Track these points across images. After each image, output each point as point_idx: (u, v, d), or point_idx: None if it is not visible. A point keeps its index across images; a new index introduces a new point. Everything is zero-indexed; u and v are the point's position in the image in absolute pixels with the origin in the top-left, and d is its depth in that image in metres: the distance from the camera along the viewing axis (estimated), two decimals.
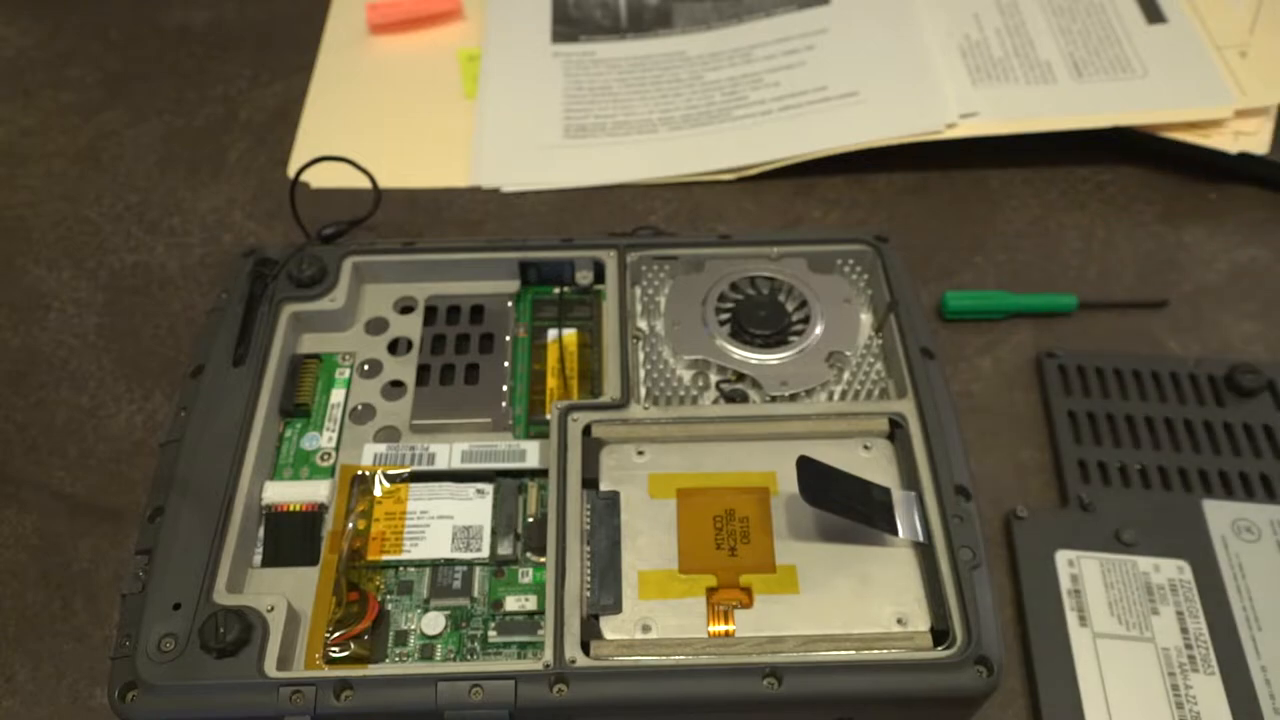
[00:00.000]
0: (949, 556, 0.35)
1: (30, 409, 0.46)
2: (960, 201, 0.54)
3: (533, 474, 0.40)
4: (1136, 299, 0.49)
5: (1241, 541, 0.40)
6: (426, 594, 0.37)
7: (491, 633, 0.36)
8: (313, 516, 0.39)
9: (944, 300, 0.48)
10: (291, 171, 0.54)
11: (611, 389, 0.40)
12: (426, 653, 0.36)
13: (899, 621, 0.35)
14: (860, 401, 0.41)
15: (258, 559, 0.38)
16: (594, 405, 0.40)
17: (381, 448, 0.41)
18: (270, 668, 0.33)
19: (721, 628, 0.35)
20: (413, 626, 0.36)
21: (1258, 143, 0.52)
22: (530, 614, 0.37)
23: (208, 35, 0.62)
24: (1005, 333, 0.48)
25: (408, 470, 0.40)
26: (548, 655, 0.33)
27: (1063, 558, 0.39)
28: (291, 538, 0.38)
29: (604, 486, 0.38)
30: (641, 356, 0.42)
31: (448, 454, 0.40)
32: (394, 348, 0.44)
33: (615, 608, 0.35)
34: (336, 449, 0.41)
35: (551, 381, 0.43)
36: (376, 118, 0.58)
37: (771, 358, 0.42)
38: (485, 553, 0.38)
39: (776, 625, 0.35)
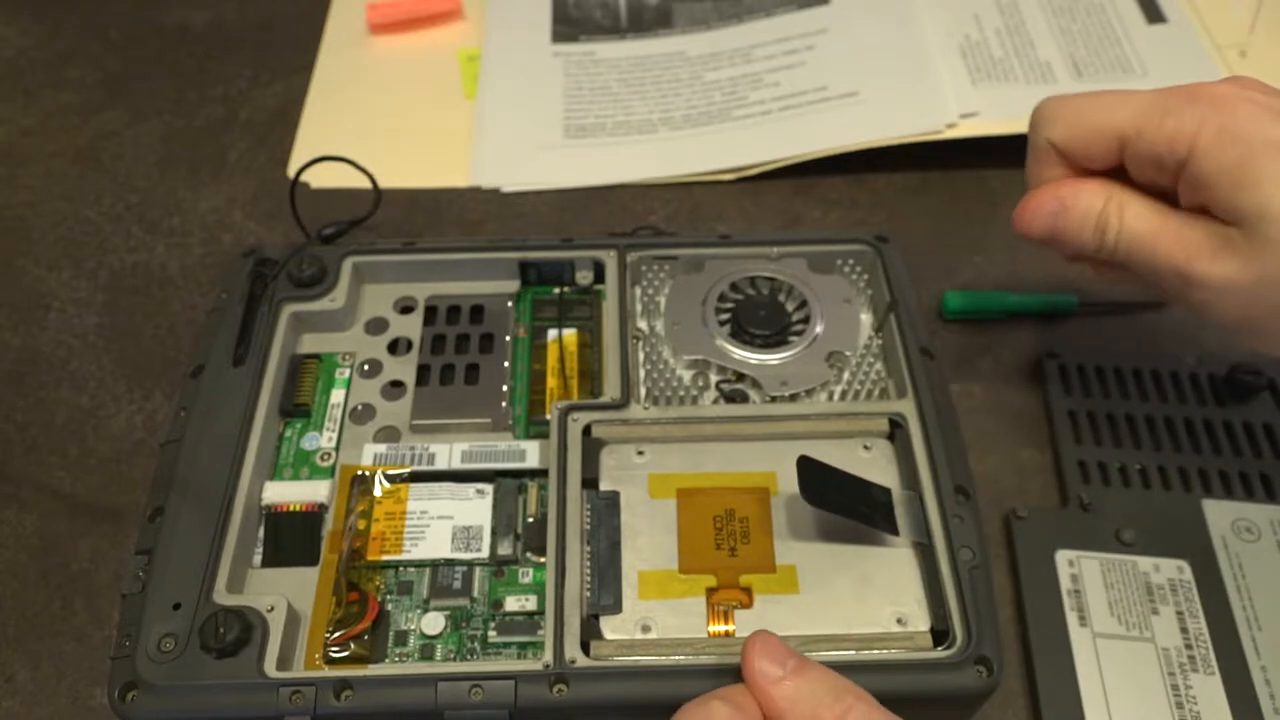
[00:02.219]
0: (949, 556, 0.35)
1: (30, 409, 0.46)
2: (960, 201, 0.54)
3: (533, 474, 0.40)
4: (1137, 299, 0.49)
5: (1241, 541, 0.40)
6: (426, 594, 0.37)
7: (491, 633, 0.36)
8: (313, 516, 0.39)
9: (944, 300, 0.48)
10: (291, 171, 0.54)
11: (611, 389, 0.40)
12: (426, 653, 0.36)
13: (899, 621, 0.35)
14: (860, 401, 0.41)
15: (258, 559, 0.38)
16: (594, 405, 0.40)
17: (381, 448, 0.41)
18: (270, 668, 0.33)
19: (721, 628, 0.35)
20: (413, 626, 0.36)
21: None
22: (530, 614, 0.37)
23: (208, 35, 0.62)
24: (1005, 333, 0.48)
25: (408, 470, 0.40)
26: (548, 655, 0.33)
27: (1063, 558, 0.39)
28: (291, 538, 0.38)
29: (604, 486, 0.38)
30: (641, 356, 0.42)
31: (448, 454, 0.40)
32: (394, 348, 0.44)
33: (615, 608, 0.35)
34: (336, 449, 0.41)
35: (551, 381, 0.43)
36: (376, 118, 0.58)
37: (771, 358, 0.42)
38: (485, 553, 0.38)
39: (777, 625, 0.35)
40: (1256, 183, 0.32)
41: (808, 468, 0.36)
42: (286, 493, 0.39)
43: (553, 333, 0.44)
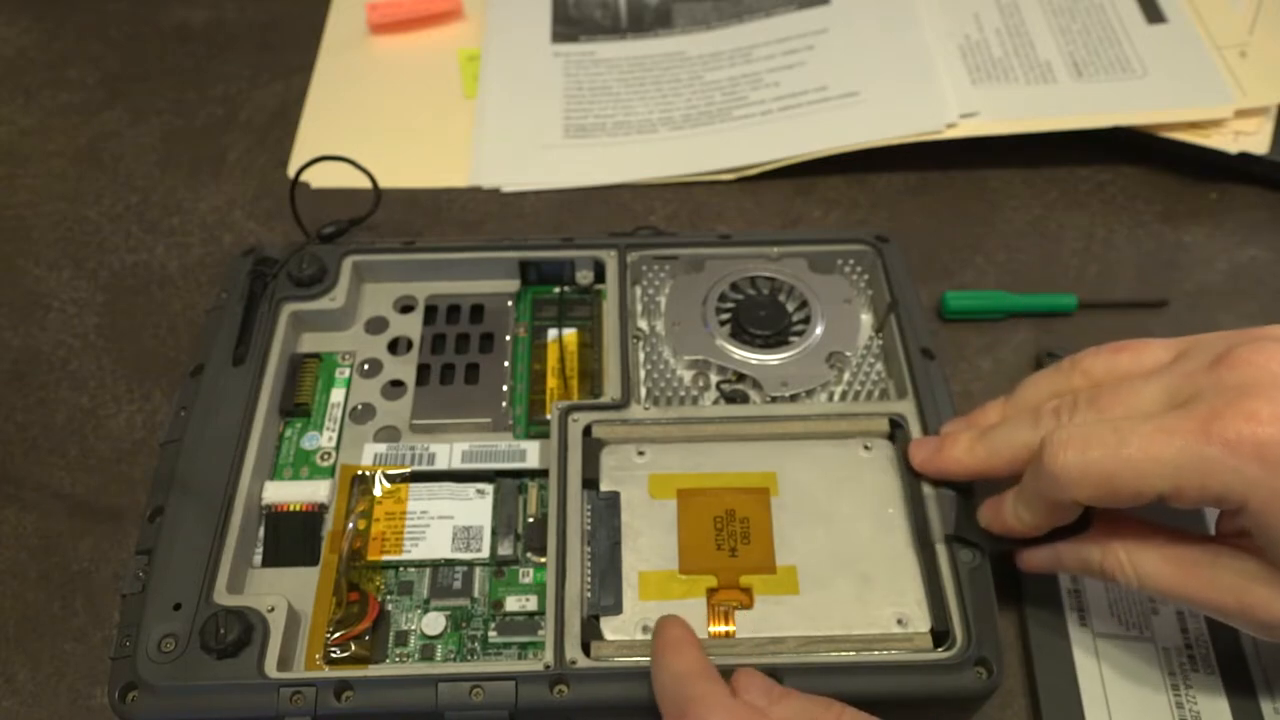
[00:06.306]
0: (949, 557, 0.35)
1: (30, 409, 0.46)
2: (960, 201, 0.54)
3: (533, 474, 0.40)
4: (1136, 299, 0.49)
5: None
6: (427, 594, 0.37)
7: (492, 633, 0.36)
8: (313, 516, 0.39)
9: (944, 300, 0.48)
10: (291, 171, 0.54)
11: (612, 389, 0.40)
12: (427, 653, 0.36)
13: (899, 622, 0.35)
14: (860, 402, 0.41)
15: (258, 559, 0.38)
16: (594, 405, 0.40)
17: (381, 447, 0.41)
18: (270, 668, 0.33)
19: (722, 628, 0.35)
20: (413, 627, 0.36)
21: (1258, 143, 0.52)
22: (530, 614, 0.37)
23: (208, 35, 0.62)
24: (1005, 333, 0.48)
25: (408, 470, 0.40)
26: (548, 656, 0.33)
27: None
28: (291, 538, 0.38)
29: (604, 487, 0.38)
30: (641, 356, 0.42)
31: (448, 454, 0.40)
32: (394, 347, 0.44)
33: (616, 608, 0.35)
34: (336, 449, 0.41)
35: (551, 381, 0.43)
36: (376, 118, 0.58)
37: (772, 358, 0.42)
38: (485, 553, 0.38)
39: (777, 626, 0.35)
40: None
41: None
42: (286, 493, 0.39)
43: (553, 332, 0.44)
